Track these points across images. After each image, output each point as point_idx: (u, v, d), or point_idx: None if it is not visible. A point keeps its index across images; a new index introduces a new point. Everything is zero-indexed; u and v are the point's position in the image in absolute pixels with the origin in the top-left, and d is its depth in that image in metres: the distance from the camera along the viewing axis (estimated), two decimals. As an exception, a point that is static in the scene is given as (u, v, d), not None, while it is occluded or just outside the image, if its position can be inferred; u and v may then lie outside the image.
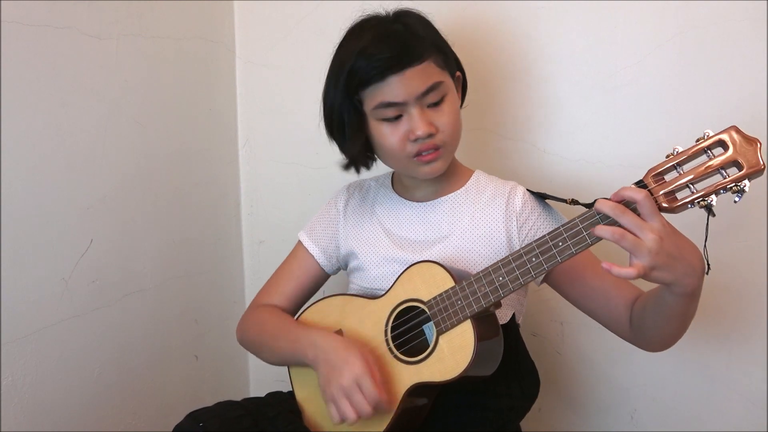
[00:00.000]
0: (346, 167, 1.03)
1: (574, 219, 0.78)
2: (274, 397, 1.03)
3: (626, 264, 0.74)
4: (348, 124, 0.96)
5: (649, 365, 1.20)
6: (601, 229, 0.74)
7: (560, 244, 0.79)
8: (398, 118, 0.93)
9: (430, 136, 0.92)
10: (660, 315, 0.84)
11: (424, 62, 0.90)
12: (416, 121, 0.91)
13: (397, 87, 0.90)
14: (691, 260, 0.76)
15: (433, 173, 0.97)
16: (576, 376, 1.28)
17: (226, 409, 0.93)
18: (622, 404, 1.25)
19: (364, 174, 1.06)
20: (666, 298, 0.81)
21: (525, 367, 0.99)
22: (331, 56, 0.98)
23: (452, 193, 1.02)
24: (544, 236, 0.80)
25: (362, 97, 0.94)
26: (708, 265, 0.78)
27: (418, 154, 0.94)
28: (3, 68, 0.95)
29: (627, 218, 0.73)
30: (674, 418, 1.21)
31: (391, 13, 0.97)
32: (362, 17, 0.98)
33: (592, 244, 0.77)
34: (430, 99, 0.92)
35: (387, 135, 0.94)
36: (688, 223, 0.80)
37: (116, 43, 1.14)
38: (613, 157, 1.19)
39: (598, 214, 0.76)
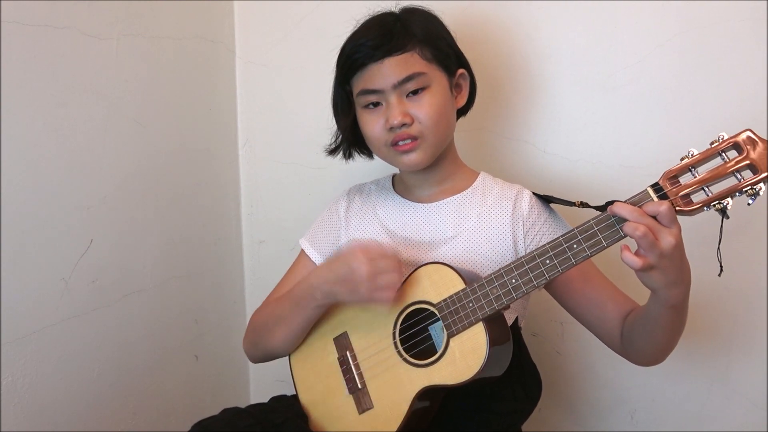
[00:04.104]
0: (332, 152, 1.06)
1: (588, 221, 0.78)
2: (279, 402, 1.02)
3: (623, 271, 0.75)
4: (340, 110, 1.01)
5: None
6: (629, 226, 0.74)
7: (575, 246, 0.78)
8: (379, 105, 0.95)
9: (405, 125, 0.93)
10: (646, 327, 0.85)
11: (406, 53, 0.92)
12: (392, 110, 0.93)
13: (376, 75, 0.93)
14: (683, 273, 0.77)
15: (412, 165, 0.97)
16: (576, 376, 1.28)
17: (233, 417, 0.92)
18: (622, 404, 1.25)
19: (356, 171, 1.06)
20: (652, 310, 0.82)
21: (528, 370, 0.99)
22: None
23: (458, 194, 1.01)
24: (557, 238, 0.80)
25: (351, 85, 0.97)
26: (721, 267, 0.79)
27: (396, 143, 0.95)
28: (3, 68, 0.95)
29: (646, 221, 0.73)
30: (674, 418, 1.21)
31: (398, 10, 0.99)
32: (374, 12, 1.00)
33: (607, 246, 0.77)
34: (409, 88, 0.93)
35: (368, 122, 0.97)
36: (689, 222, 0.79)
37: (116, 43, 1.14)
38: (613, 157, 1.19)
39: (613, 216, 0.76)
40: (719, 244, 0.78)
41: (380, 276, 0.86)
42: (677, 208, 0.74)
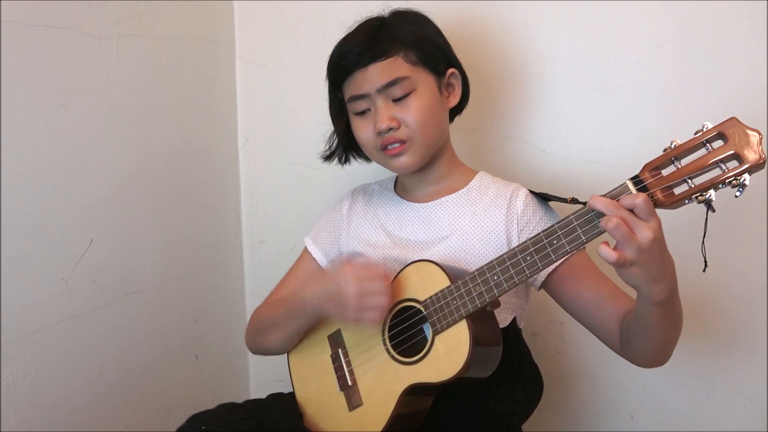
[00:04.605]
0: (327, 158, 1.08)
1: (568, 216, 0.77)
2: (276, 398, 1.03)
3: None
4: (334, 116, 1.03)
5: (649, 365, 1.21)
6: (603, 218, 0.72)
7: (555, 242, 0.78)
8: (368, 111, 0.96)
9: (392, 129, 0.94)
10: (639, 327, 0.84)
11: (389, 57, 0.93)
12: (378, 115, 0.94)
13: (361, 81, 0.95)
14: (665, 268, 0.75)
15: (402, 168, 0.98)
16: (576, 376, 1.28)
17: (228, 411, 0.92)
18: (622, 404, 1.25)
19: (355, 171, 1.07)
20: (640, 309, 0.81)
21: (528, 371, 0.99)
22: None
23: (453, 194, 1.01)
24: (538, 234, 0.79)
25: (342, 92, 0.99)
26: (705, 262, 0.78)
27: (385, 147, 0.96)
28: (3, 68, 0.95)
29: (621, 213, 0.71)
30: (674, 418, 1.21)
31: (387, 13, 1.00)
32: (362, 17, 1.01)
33: (587, 242, 0.76)
34: (395, 93, 0.94)
35: (358, 128, 0.98)
36: (687, 219, 0.79)
37: (116, 43, 1.14)
38: (613, 157, 1.19)
39: (592, 210, 0.75)
40: (704, 237, 0.76)
41: (368, 297, 0.86)
42: (658, 200, 0.72)
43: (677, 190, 0.72)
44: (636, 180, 0.74)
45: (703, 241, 0.76)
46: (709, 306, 1.14)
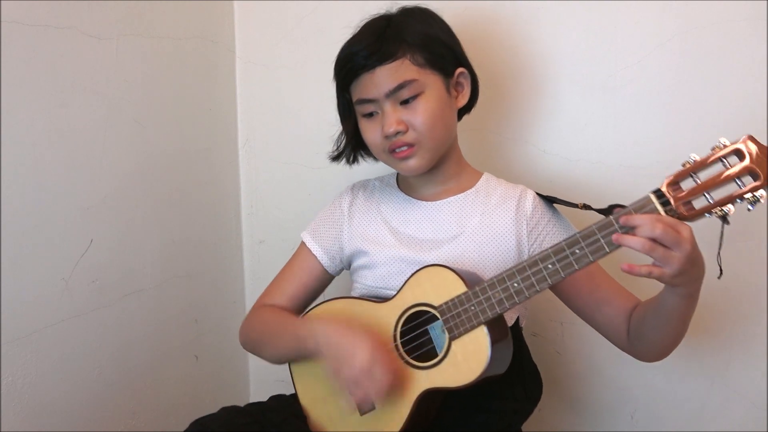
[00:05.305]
0: (335, 158, 1.07)
1: (590, 226, 0.78)
2: (278, 401, 1.02)
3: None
4: (342, 117, 1.03)
5: (650, 365, 1.19)
6: (632, 240, 0.73)
7: (577, 251, 0.78)
8: (376, 114, 0.96)
9: (399, 133, 0.93)
10: (660, 319, 0.84)
11: (396, 60, 0.92)
12: (386, 118, 0.94)
13: (368, 84, 0.94)
14: (701, 265, 0.78)
15: (410, 170, 0.97)
16: (576, 376, 1.28)
17: (231, 415, 0.92)
18: (622, 404, 1.25)
19: (356, 171, 1.07)
20: (667, 301, 0.81)
21: (528, 369, 0.99)
22: None
23: (461, 194, 1.01)
24: (560, 243, 0.79)
25: (350, 93, 0.98)
26: (721, 270, 0.79)
27: (393, 150, 0.95)
28: (3, 68, 0.95)
29: (662, 233, 0.72)
30: (674, 418, 1.21)
31: (394, 11, 0.99)
32: (372, 15, 1.01)
33: (610, 252, 0.77)
34: (402, 96, 0.93)
35: (366, 130, 0.98)
36: (696, 223, 0.79)
37: (116, 43, 1.14)
38: (613, 157, 1.19)
39: (617, 222, 0.76)
40: (719, 249, 0.77)
41: (369, 379, 0.84)
42: (680, 214, 0.74)
43: (697, 204, 0.74)
44: (658, 193, 0.75)
45: (718, 253, 0.78)
46: (709, 306, 1.14)
